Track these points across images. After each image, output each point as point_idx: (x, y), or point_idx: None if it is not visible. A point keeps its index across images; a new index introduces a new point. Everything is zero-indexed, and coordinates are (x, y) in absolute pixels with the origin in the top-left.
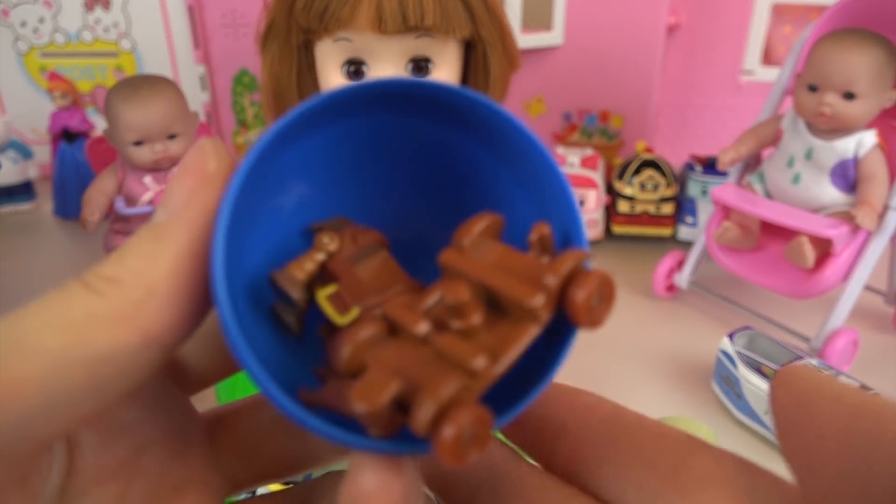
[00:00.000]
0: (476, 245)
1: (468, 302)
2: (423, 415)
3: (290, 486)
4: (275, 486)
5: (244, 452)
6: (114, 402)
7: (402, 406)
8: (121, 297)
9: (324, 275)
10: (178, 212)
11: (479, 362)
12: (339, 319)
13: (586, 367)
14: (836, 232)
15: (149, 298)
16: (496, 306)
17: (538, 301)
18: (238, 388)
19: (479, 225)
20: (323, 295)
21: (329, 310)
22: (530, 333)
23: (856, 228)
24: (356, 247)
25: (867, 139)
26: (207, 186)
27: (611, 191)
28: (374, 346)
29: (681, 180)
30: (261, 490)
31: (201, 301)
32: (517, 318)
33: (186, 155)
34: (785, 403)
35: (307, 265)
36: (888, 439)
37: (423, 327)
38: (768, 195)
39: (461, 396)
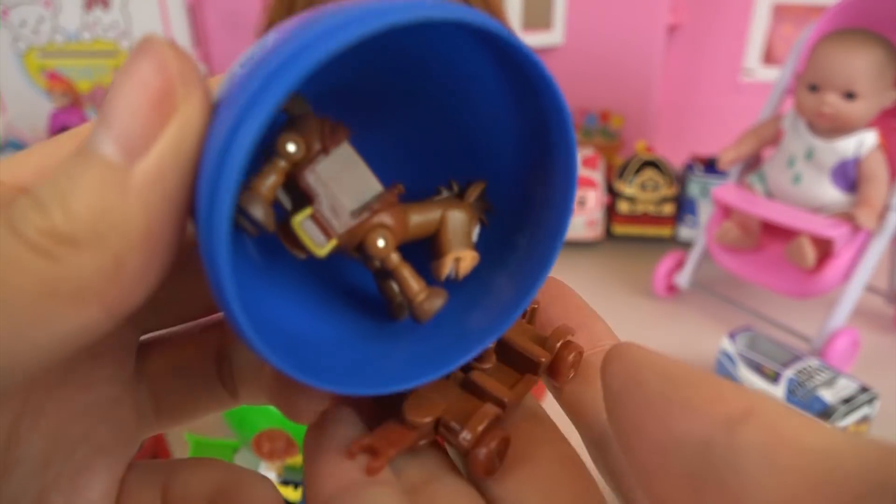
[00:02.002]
0: None
1: (490, 350)
2: (464, 441)
3: (290, 485)
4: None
5: (154, 303)
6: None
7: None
8: (82, 267)
9: (292, 187)
10: (138, 150)
11: (508, 395)
12: (319, 251)
13: None
14: (836, 232)
15: (117, 271)
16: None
17: (546, 358)
18: None
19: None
20: (298, 221)
21: (307, 240)
22: (536, 378)
23: (856, 228)
24: (324, 151)
25: (868, 139)
26: (178, 123)
27: (611, 191)
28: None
29: (681, 180)
30: None
31: (173, 258)
32: (522, 366)
33: (134, 56)
34: (614, 376)
35: (269, 179)
36: (699, 404)
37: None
38: (769, 195)
39: (493, 424)
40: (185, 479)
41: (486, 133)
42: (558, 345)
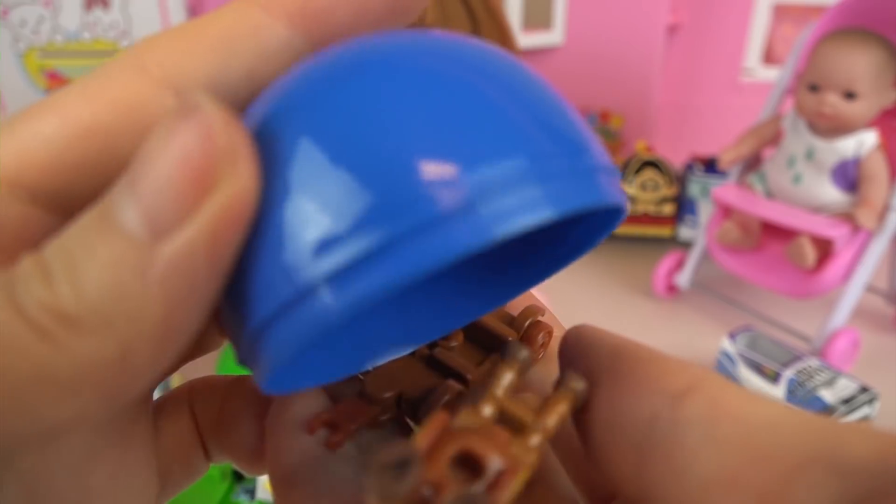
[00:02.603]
0: None
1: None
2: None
3: None
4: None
5: None
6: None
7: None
8: (83, 354)
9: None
10: (166, 229)
11: (472, 371)
12: None
13: None
14: (836, 232)
15: (123, 362)
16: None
17: (513, 338)
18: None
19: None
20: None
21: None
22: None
23: (856, 228)
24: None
25: (868, 139)
26: (218, 204)
27: None
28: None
29: (681, 180)
30: (261, 492)
31: (190, 346)
32: (489, 345)
33: (176, 118)
34: (568, 355)
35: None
36: (645, 379)
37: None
38: (769, 195)
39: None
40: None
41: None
42: (527, 324)
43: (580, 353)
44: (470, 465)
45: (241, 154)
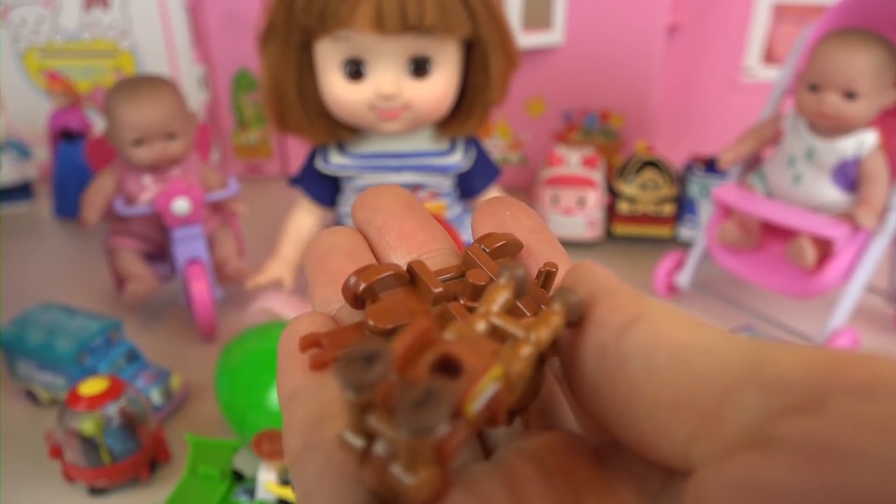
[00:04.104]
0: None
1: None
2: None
3: (289, 484)
4: (273, 486)
5: None
6: None
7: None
8: None
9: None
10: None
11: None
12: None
13: None
14: (837, 232)
15: None
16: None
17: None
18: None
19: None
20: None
21: None
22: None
23: (857, 228)
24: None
25: (868, 139)
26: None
27: (611, 191)
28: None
29: (681, 180)
30: (261, 492)
31: None
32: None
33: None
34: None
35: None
36: (600, 313)
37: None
38: (769, 195)
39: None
40: None
41: None
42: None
43: (575, 285)
44: (452, 371)
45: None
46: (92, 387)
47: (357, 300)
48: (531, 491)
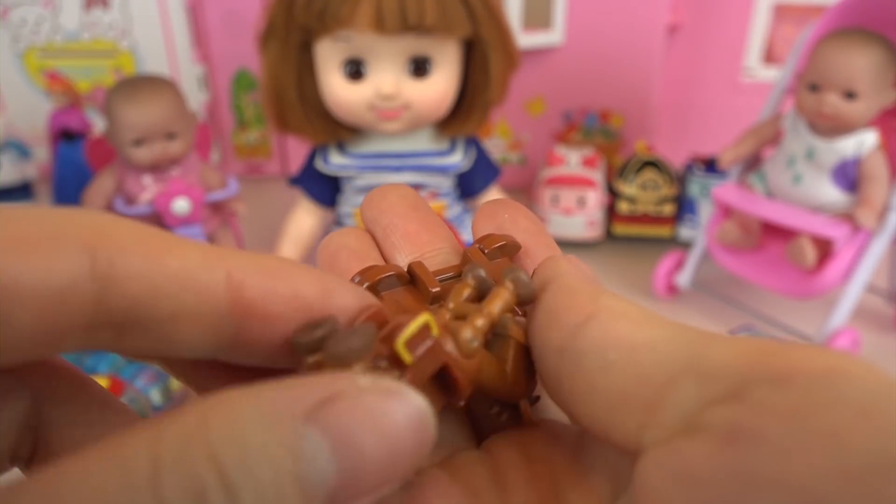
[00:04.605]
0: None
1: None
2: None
3: None
4: None
5: None
6: None
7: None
8: None
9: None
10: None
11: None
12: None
13: None
14: (837, 232)
15: None
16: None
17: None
18: None
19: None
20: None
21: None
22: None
23: (857, 228)
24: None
25: (868, 139)
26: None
27: (611, 191)
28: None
29: (681, 180)
30: None
31: None
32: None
33: (384, 403)
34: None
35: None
36: (559, 311)
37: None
38: (769, 195)
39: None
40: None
41: None
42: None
43: (541, 277)
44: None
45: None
46: None
47: None
48: (513, 477)
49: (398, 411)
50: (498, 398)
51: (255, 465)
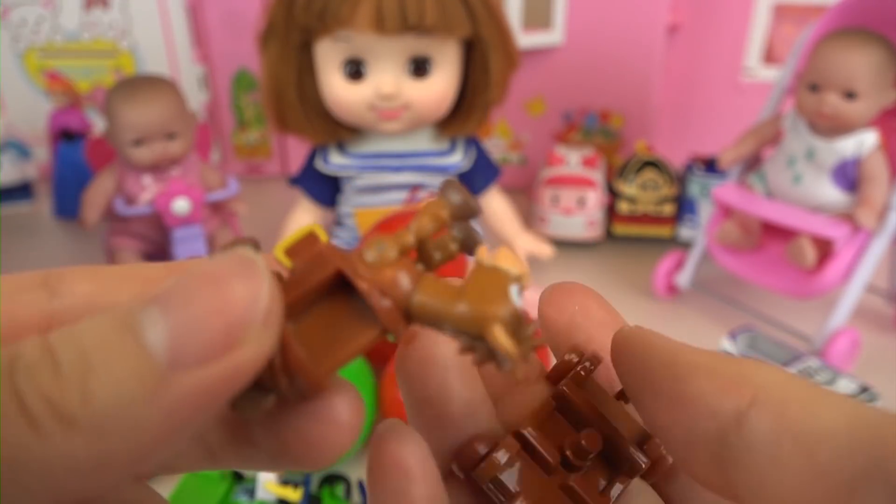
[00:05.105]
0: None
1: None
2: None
3: (290, 485)
4: (272, 486)
5: None
6: None
7: None
8: (65, 452)
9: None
10: (186, 364)
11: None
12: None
13: None
14: (837, 232)
15: (102, 465)
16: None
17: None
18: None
19: None
20: None
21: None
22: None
23: (857, 228)
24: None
25: (868, 139)
26: (238, 359)
27: (611, 191)
28: None
29: (681, 180)
30: (261, 492)
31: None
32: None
33: (231, 265)
34: (625, 368)
35: None
36: (707, 399)
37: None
38: (769, 195)
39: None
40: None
41: None
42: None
43: (635, 359)
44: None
45: (273, 322)
46: None
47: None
48: None
49: (224, 266)
50: (458, 328)
51: (78, 334)
